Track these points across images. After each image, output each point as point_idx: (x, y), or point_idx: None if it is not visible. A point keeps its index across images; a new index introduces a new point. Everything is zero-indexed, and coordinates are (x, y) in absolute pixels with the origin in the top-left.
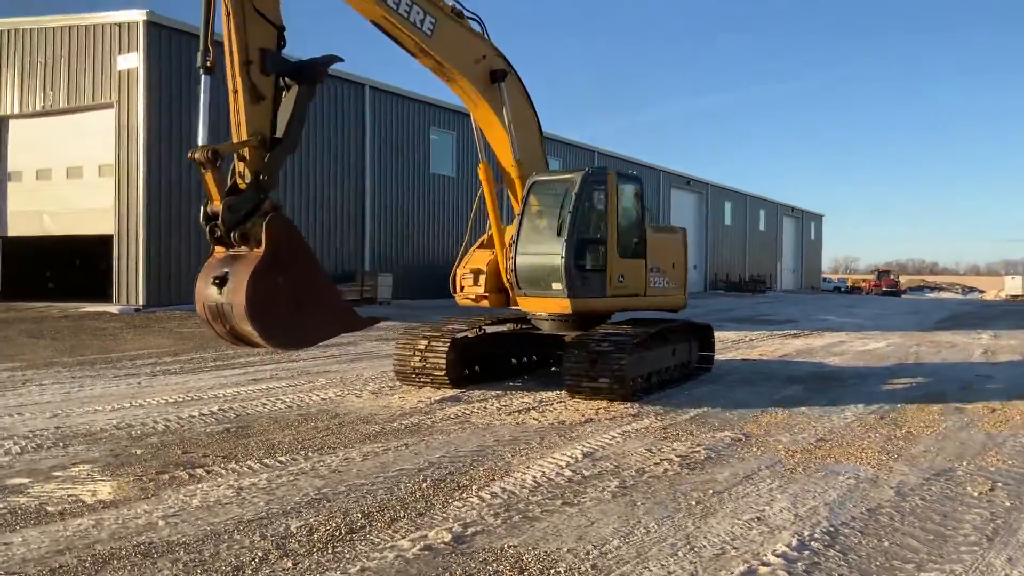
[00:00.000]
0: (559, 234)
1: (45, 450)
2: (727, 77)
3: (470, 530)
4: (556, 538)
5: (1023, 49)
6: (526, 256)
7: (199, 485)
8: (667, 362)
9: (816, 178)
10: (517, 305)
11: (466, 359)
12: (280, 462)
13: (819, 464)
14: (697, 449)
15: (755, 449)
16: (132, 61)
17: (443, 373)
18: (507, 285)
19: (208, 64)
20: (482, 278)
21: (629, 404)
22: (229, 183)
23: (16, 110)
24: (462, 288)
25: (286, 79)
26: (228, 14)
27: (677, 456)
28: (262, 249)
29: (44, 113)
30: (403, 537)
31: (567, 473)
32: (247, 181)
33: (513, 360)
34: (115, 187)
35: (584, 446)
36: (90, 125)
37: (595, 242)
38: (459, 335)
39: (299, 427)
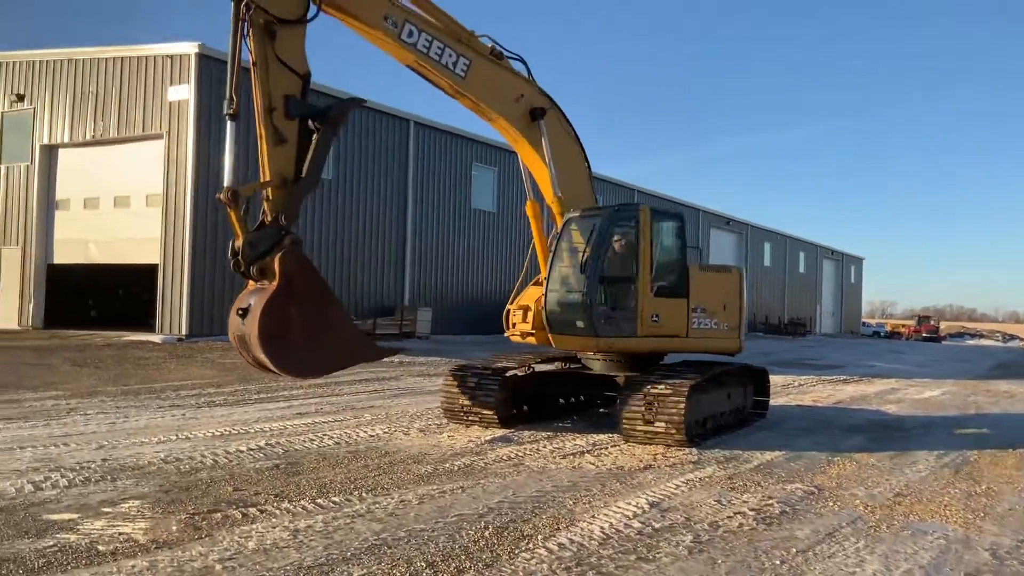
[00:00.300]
0: (582, 271)
1: (93, 483)
2: (770, 118)
3: None
4: None
5: None
6: (555, 293)
7: (253, 526)
8: (723, 407)
9: (852, 221)
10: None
11: (516, 398)
12: (334, 503)
13: (903, 522)
14: (770, 502)
15: (831, 503)
16: (183, 93)
17: (493, 412)
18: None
19: (232, 111)
20: (530, 315)
21: (687, 450)
22: (260, 220)
23: (67, 139)
24: (513, 324)
25: (315, 122)
26: (254, 64)
27: (750, 509)
28: (276, 282)
29: (94, 143)
30: None
31: (636, 524)
32: (270, 219)
33: (561, 400)
34: (162, 217)
35: (649, 495)
36: (139, 155)
37: (622, 280)
38: (509, 373)
39: (349, 465)
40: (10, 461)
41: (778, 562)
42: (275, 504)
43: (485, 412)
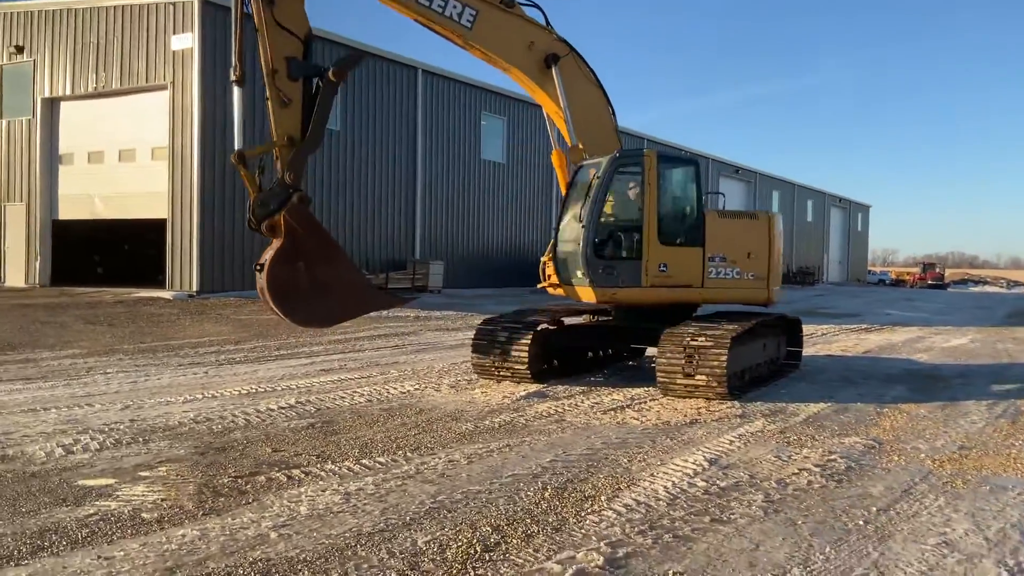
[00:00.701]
0: (580, 220)
1: (125, 446)
2: (779, 65)
3: (621, 551)
4: (724, 563)
5: None
6: (562, 244)
7: (302, 489)
8: (759, 358)
9: (855, 168)
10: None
11: (547, 352)
12: (380, 463)
13: (977, 477)
14: (832, 458)
15: (896, 458)
16: (186, 41)
17: (525, 367)
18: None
19: (236, 77)
20: None
21: (730, 404)
22: (277, 179)
23: (68, 91)
24: (548, 276)
25: (320, 80)
26: (256, 30)
27: (814, 465)
28: (282, 238)
29: (97, 95)
30: (547, 558)
31: (699, 483)
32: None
33: (590, 354)
34: (168, 170)
35: (704, 452)
36: (143, 107)
37: (624, 229)
38: (541, 327)
39: (386, 423)
40: (35, 423)
41: (861, 522)
42: (319, 465)
43: (517, 367)
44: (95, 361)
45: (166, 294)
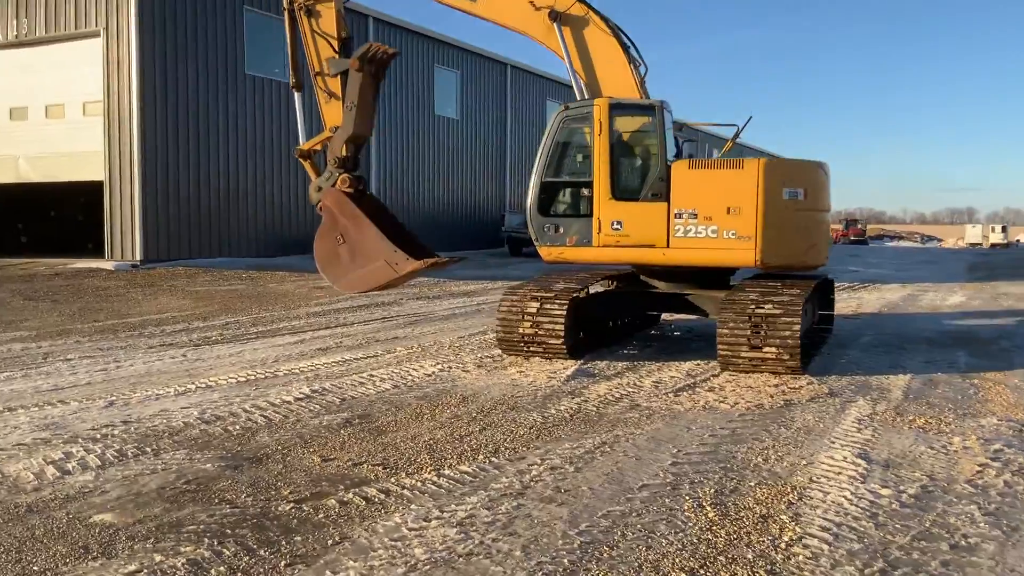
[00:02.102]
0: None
1: (133, 460)
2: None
3: None
4: None
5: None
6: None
7: (395, 518)
8: (807, 324)
9: (764, 125)
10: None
11: (577, 324)
12: (467, 474)
13: None
14: (998, 447)
15: None
16: None
17: (560, 342)
18: None
19: (294, 83)
20: None
21: (803, 378)
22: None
23: None
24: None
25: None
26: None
27: (988, 459)
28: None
29: (17, 44)
30: None
31: (883, 492)
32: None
33: (610, 323)
34: (104, 128)
35: (842, 445)
36: (72, 57)
37: (574, 184)
38: (575, 295)
39: (435, 417)
40: (5, 430)
41: None
42: (394, 480)
43: (552, 342)
44: (49, 345)
45: (107, 264)
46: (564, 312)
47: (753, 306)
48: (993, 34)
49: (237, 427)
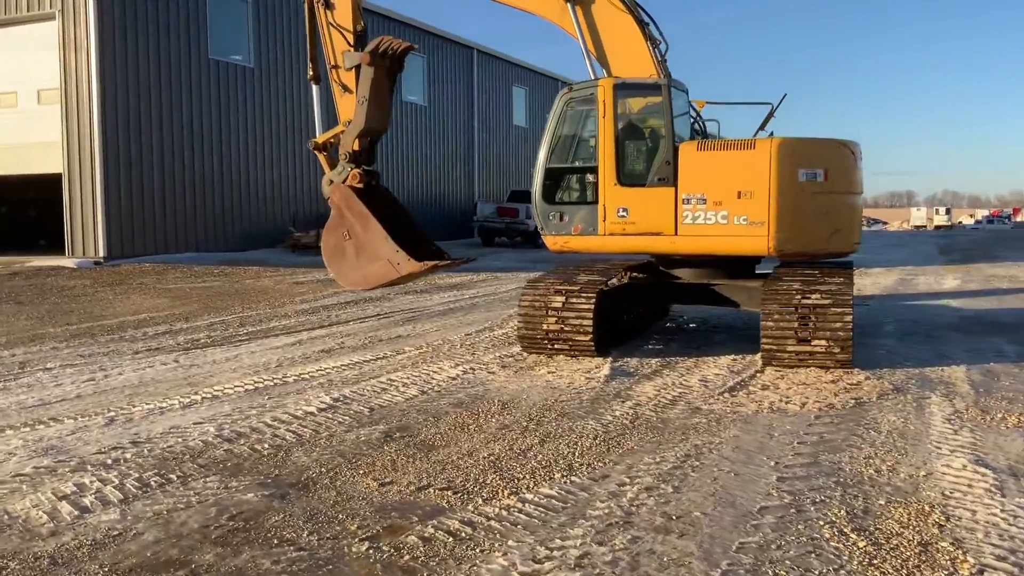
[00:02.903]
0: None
1: (159, 491)
2: None
3: None
4: None
5: None
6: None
7: (498, 560)
8: None
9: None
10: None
11: (601, 318)
12: (551, 498)
13: None
14: None
15: None
16: None
17: (588, 338)
18: None
19: (312, 76)
20: None
21: (855, 373)
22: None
23: None
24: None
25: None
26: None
27: None
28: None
29: None
30: None
31: None
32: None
33: (624, 316)
34: (62, 116)
35: (951, 450)
36: (26, 41)
37: (577, 170)
38: (601, 288)
39: (482, 427)
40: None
41: None
42: (471, 508)
43: (579, 338)
44: (24, 353)
45: (68, 262)
46: (592, 306)
47: (799, 296)
48: (926, 24)
49: (265, 445)
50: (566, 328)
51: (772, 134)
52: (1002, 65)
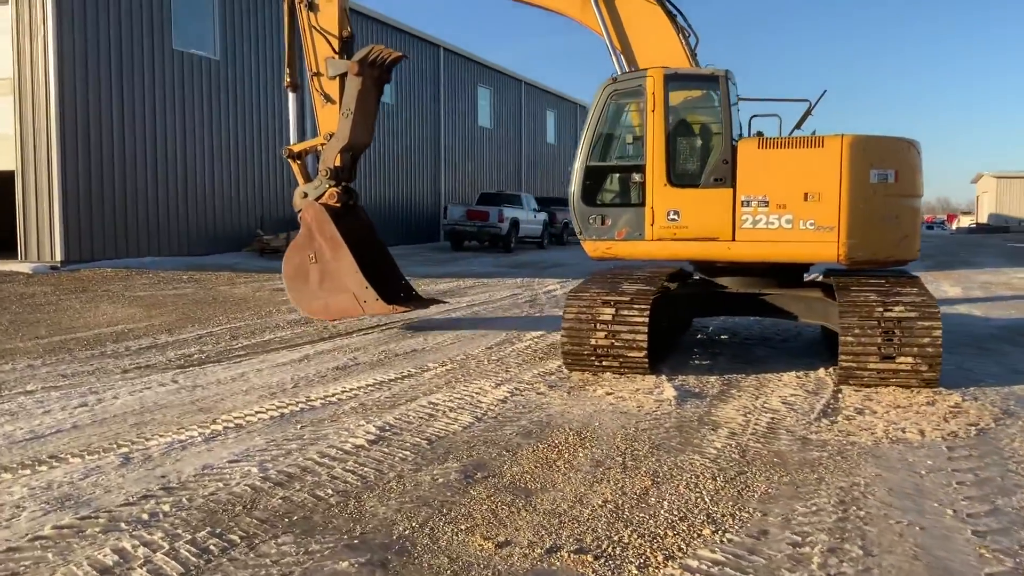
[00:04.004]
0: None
1: (225, 558)
2: None
3: None
4: None
5: None
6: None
7: None
8: None
9: None
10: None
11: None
12: (721, 564)
13: None
14: None
15: None
16: None
17: (643, 355)
18: None
19: (288, 83)
20: None
21: (942, 392)
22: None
23: None
24: None
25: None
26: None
27: None
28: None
29: None
30: None
31: None
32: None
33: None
34: (15, 109)
35: None
36: None
37: (623, 169)
38: (653, 297)
39: (572, 463)
40: (6, 512)
41: None
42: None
43: (631, 355)
44: None
45: (22, 267)
46: (646, 319)
47: (881, 309)
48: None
49: (328, 491)
50: (617, 343)
51: (815, 132)
52: (929, 70)
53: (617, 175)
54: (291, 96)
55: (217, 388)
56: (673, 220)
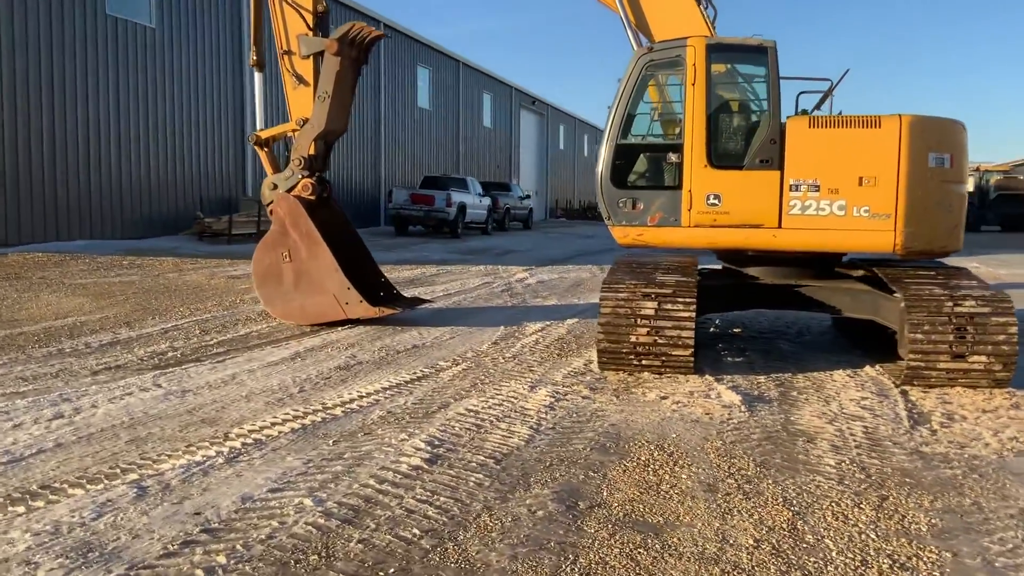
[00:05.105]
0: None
1: None
2: None
3: None
4: None
5: None
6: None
7: None
8: None
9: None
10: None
11: None
12: None
13: None
14: None
15: None
16: None
17: (688, 353)
18: None
19: (254, 62)
20: None
21: (1014, 394)
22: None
23: None
24: None
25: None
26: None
27: None
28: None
29: None
30: None
31: None
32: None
33: None
34: None
35: None
36: None
37: (651, 148)
38: (696, 290)
39: (680, 489)
40: (13, 571)
41: None
42: None
43: (676, 353)
44: None
45: None
46: (692, 313)
47: (951, 304)
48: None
49: (413, 531)
50: (660, 341)
51: (841, 112)
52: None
53: (651, 154)
54: (257, 76)
55: (211, 393)
56: (713, 205)
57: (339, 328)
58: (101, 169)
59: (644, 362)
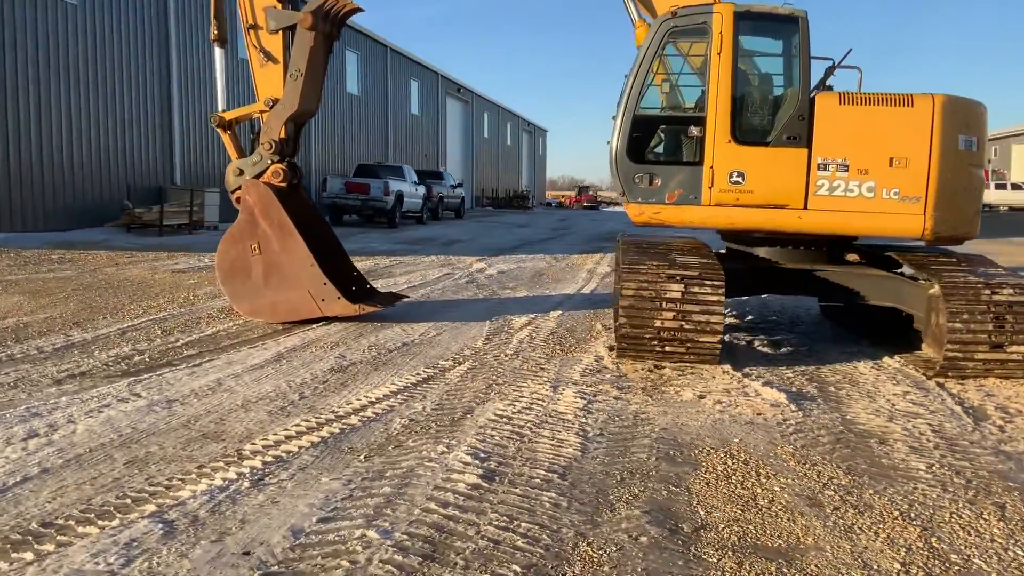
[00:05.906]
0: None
1: None
2: None
3: None
4: None
5: None
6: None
7: None
8: None
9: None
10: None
11: None
12: None
13: None
14: None
15: None
16: None
17: (716, 339)
18: None
19: (215, 36)
20: None
21: None
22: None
23: None
24: None
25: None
26: None
27: None
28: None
29: None
30: None
31: None
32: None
33: None
34: None
35: None
36: None
37: (671, 121)
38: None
39: (781, 503)
40: None
41: None
42: None
43: (705, 340)
44: None
45: None
46: (721, 296)
47: (988, 292)
48: None
49: (514, 568)
50: (687, 327)
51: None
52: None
53: (671, 127)
54: (218, 52)
55: (200, 403)
56: (736, 183)
57: (314, 326)
58: (21, 156)
59: (668, 349)
